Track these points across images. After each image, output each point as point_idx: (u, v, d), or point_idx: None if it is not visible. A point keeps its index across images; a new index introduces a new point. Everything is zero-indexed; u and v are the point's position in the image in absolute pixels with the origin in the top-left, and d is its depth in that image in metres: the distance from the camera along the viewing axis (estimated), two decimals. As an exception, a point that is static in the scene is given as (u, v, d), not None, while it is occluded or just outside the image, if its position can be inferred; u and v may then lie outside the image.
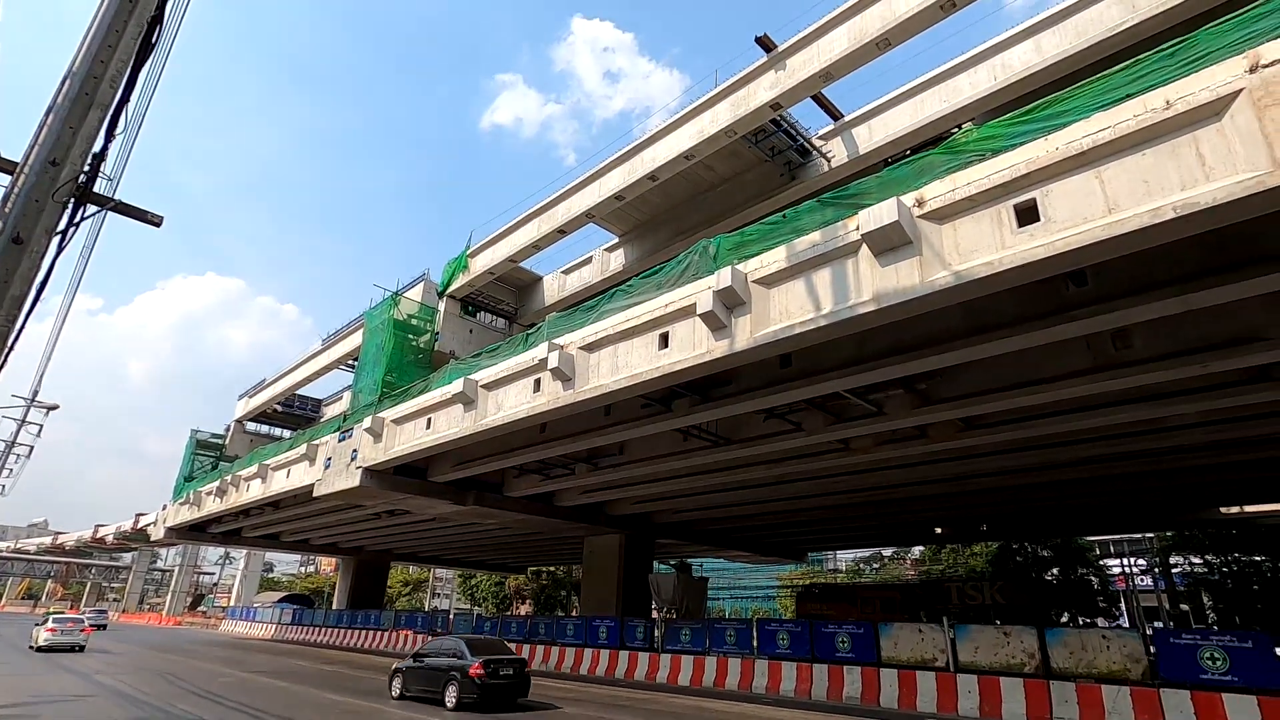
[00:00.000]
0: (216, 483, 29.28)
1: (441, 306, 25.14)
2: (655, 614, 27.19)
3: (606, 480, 19.22)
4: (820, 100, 16.37)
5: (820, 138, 17.50)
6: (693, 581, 29.08)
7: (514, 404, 14.27)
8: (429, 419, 16.88)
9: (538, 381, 13.73)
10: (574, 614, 42.64)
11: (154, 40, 3.76)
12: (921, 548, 46.04)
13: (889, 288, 8.46)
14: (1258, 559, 26.69)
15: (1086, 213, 7.02)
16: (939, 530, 28.92)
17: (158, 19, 3.68)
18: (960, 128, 14.12)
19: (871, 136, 16.43)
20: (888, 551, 56.73)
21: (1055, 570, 32.13)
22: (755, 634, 17.17)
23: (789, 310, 9.55)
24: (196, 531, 35.62)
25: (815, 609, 29.35)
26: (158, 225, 5.26)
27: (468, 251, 24.69)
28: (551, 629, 23.05)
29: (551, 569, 51.32)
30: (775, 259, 9.89)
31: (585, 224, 20.78)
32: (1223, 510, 24.21)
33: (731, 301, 10.16)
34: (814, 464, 16.32)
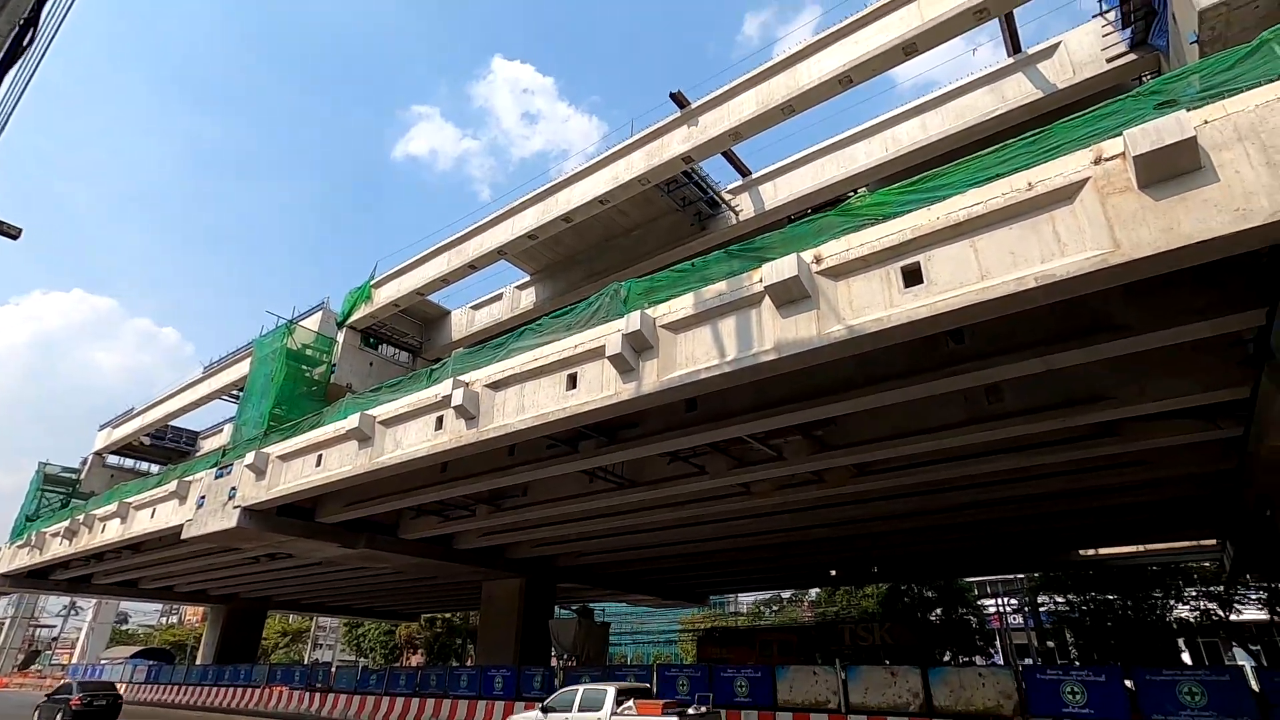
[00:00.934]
0: (66, 522, 26.17)
1: (340, 337, 24.04)
2: (555, 662, 26.37)
3: (508, 522, 18.69)
4: (730, 157, 17.22)
5: (729, 192, 18.34)
6: (594, 627, 28.50)
7: (414, 442, 13.71)
8: (320, 455, 15.91)
9: (440, 419, 13.29)
10: (469, 663, 40.63)
11: (25, 44, 3.47)
12: (818, 590, 47.30)
13: (789, 338, 8.86)
14: (1111, 598, 29.23)
15: (963, 278, 7.66)
16: (833, 572, 29.86)
17: (32, 21, 3.41)
18: (856, 192, 15.22)
19: (776, 194, 17.39)
20: (786, 594, 57.95)
21: (939, 610, 33.81)
22: (655, 680, 16.95)
23: (695, 356, 9.79)
24: (37, 578, 31.55)
25: (716, 653, 29.40)
26: (15, 237, 4.79)
27: (372, 282, 23.85)
28: (444, 680, 21.82)
29: (447, 616, 48.90)
30: (683, 306, 10.16)
31: (497, 260, 20.62)
32: (1081, 553, 26.41)
33: (640, 345, 10.30)
34: (716, 507, 16.57)
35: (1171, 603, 28.90)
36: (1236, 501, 13.87)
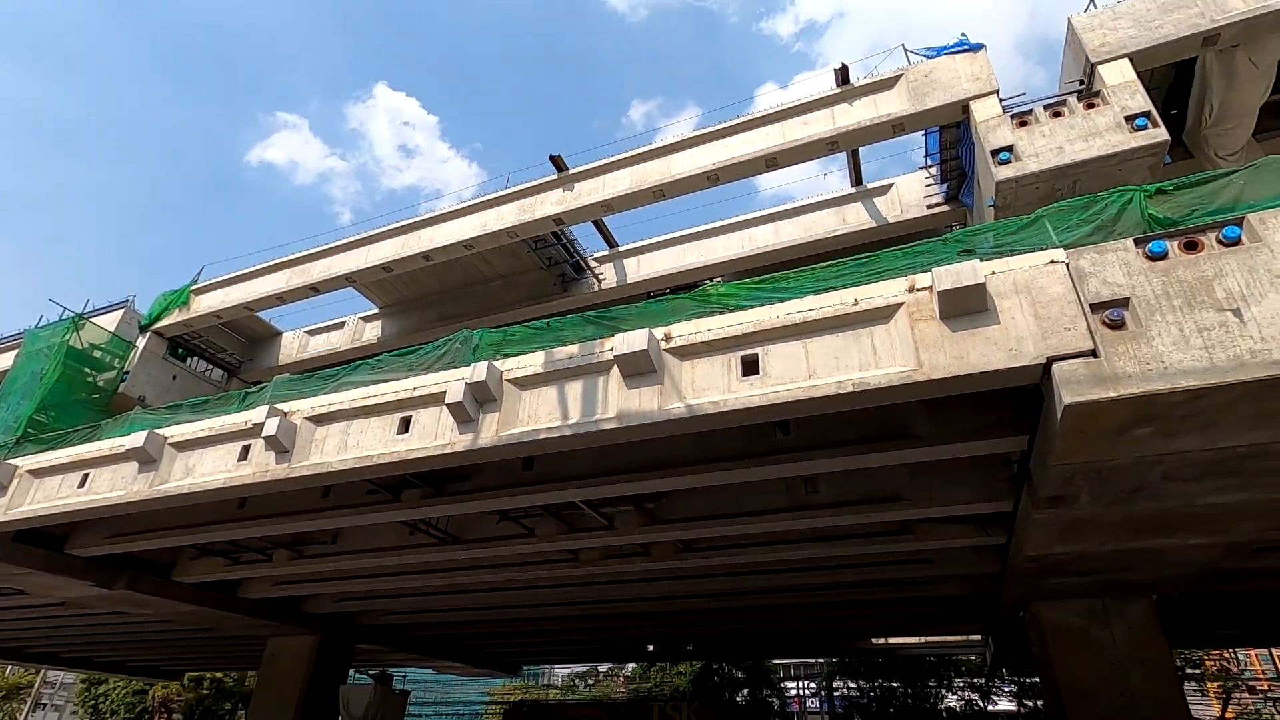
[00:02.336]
0: None
1: (141, 342, 21.11)
2: (339, 734, 23.66)
3: (310, 571, 16.90)
4: (600, 226, 17.79)
5: (595, 259, 18.83)
6: (392, 695, 26.07)
7: (210, 471, 12.14)
8: (87, 475, 13.59)
9: (247, 449, 11.92)
10: (235, 733, 35.32)
11: None
12: (634, 664, 46.97)
13: (632, 409, 9.03)
14: (895, 685, 31.72)
15: (794, 374, 8.29)
16: (651, 648, 29.86)
17: None
18: (711, 280, 16.24)
19: (639, 269, 18.12)
20: (604, 667, 56.92)
21: (746, 691, 34.77)
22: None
23: (538, 415, 9.67)
24: None
25: (521, 728, 27.94)
26: None
27: (193, 286, 21.41)
28: (197, 754, 18.77)
29: (219, 675, 42.61)
30: (533, 363, 10.09)
31: (345, 287, 19.43)
32: (874, 641, 28.54)
33: (483, 396, 10.02)
34: (541, 572, 16.11)
35: (943, 692, 31.87)
36: (997, 601, 15.74)
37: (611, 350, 9.30)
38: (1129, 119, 11.25)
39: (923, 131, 14.37)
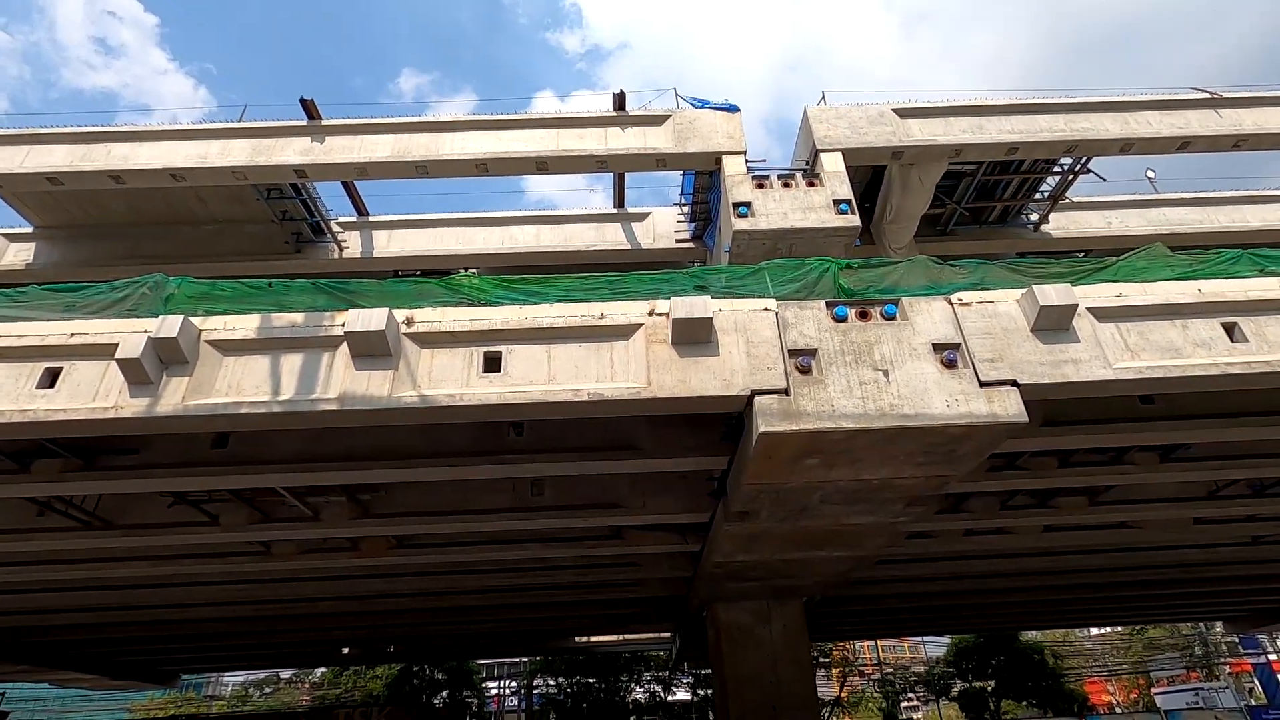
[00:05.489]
0: None
1: None
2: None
3: None
4: (350, 190, 16.27)
5: (340, 224, 17.15)
6: (-22, 719, 20.45)
7: None
8: None
9: None
10: None
11: None
12: (324, 669, 43.02)
13: (357, 392, 8.33)
14: (591, 681, 33.57)
15: (534, 377, 8.39)
16: (347, 650, 27.67)
17: None
18: (465, 270, 15.81)
19: (389, 245, 16.96)
20: (287, 673, 51.16)
21: (446, 693, 33.99)
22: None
23: (241, 386, 8.43)
24: None
25: (166, 749, 23.84)
26: None
27: None
28: None
29: None
30: (245, 326, 8.79)
31: (-15, 193, 15.04)
32: (576, 640, 29.91)
33: (171, 357, 8.43)
34: (220, 567, 13.97)
35: (632, 685, 34.58)
36: (686, 603, 17.56)
37: (344, 326, 8.48)
38: (836, 202, 13.58)
39: (681, 172, 15.71)
